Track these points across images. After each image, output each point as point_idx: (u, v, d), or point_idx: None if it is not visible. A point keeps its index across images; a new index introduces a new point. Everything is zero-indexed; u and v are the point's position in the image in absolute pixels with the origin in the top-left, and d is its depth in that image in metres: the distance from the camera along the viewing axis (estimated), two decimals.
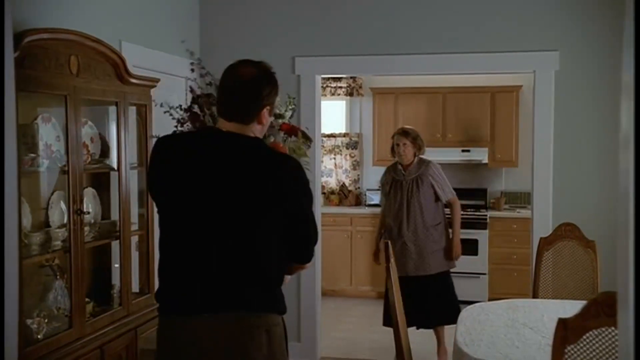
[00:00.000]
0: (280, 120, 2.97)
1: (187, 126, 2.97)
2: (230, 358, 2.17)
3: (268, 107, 2.27)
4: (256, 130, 2.28)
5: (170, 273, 2.26)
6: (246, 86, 2.22)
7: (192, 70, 3.07)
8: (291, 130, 2.96)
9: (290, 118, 3.04)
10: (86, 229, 3.15)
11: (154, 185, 2.33)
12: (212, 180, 2.18)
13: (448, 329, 5.01)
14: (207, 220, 2.18)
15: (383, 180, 5.16)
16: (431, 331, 5.10)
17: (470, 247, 6.86)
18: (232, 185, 2.17)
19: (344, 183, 7.79)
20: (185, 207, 2.21)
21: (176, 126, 3.01)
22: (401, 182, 4.93)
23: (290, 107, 3.04)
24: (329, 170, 7.84)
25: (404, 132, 5.03)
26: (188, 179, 2.21)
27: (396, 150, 4.99)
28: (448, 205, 4.97)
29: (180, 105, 3.04)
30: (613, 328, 2.04)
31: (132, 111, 3.55)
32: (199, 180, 2.19)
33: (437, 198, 4.91)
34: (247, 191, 2.18)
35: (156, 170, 2.30)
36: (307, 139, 2.95)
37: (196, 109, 2.93)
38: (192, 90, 3.02)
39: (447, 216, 5.04)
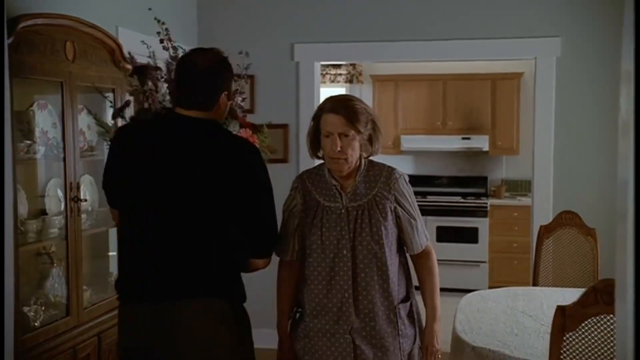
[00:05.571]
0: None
1: (128, 111, 2.84)
2: (192, 346, 2.17)
3: (226, 92, 2.29)
4: (216, 116, 2.31)
5: (130, 262, 2.27)
6: (203, 74, 2.23)
7: (161, 40, 2.66)
8: (247, 126, 2.89)
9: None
10: (83, 216, 3.14)
11: (112, 175, 2.33)
12: (169, 168, 2.20)
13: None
14: (165, 208, 2.19)
15: (292, 207, 2.47)
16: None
17: (471, 235, 6.86)
18: (189, 171, 2.19)
19: None
20: (143, 195, 2.22)
21: (115, 112, 2.90)
22: (338, 211, 2.41)
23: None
24: None
25: (350, 109, 2.34)
26: (145, 168, 2.22)
27: (325, 145, 2.39)
28: (416, 257, 2.53)
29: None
30: (612, 315, 2.04)
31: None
32: (156, 168, 2.21)
33: (400, 246, 2.49)
34: (204, 176, 2.19)
35: (114, 160, 2.31)
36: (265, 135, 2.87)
37: (136, 82, 2.69)
38: (132, 59, 2.77)
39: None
